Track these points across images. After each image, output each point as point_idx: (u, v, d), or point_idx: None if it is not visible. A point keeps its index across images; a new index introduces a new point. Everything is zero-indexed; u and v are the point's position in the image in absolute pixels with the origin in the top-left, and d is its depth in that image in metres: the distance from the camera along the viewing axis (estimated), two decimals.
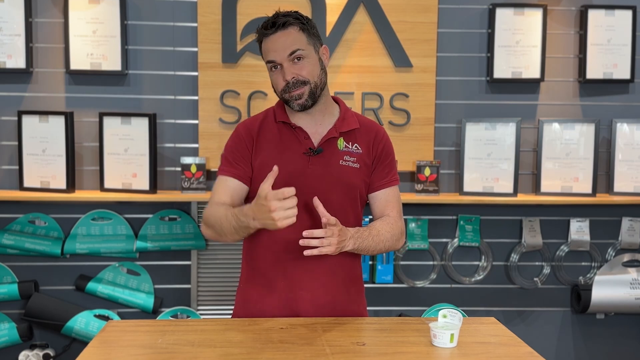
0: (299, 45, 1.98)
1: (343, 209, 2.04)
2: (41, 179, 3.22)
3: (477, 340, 1.85)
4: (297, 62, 1.98)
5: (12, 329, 3.23)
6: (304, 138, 2.04)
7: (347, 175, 2.05)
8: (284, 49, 1.97)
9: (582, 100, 3.42)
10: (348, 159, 2.06)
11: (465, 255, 3.47)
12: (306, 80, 1.99)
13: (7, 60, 3.20)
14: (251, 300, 2.09)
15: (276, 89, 2.03)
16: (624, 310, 3.43)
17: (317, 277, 2.04)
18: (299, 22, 2.00)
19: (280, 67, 1.98)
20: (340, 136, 2.06)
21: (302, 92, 1.98)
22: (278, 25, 1.97)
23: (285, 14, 2.01)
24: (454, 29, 3.34)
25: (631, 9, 3.33)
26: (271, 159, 2.02)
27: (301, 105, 2.00)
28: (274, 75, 2.01)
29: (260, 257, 2.07)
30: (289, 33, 1.98)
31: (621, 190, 3.37)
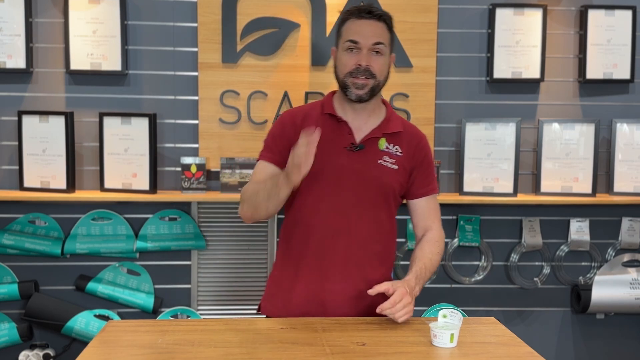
0: (384, 39, 2.04)
1: (377, 209, 2.09)
2: (41, 179, 3.22)
3: (477, 340, 1.85)
4: (375, 54, 2.03)
5: (12, 329, 3.23)
6: (347, 133, 2.08)
7: (384, 175, 2.08)
8: (373, 36, 2.02)
9: (582, 100, 3.42)
10: (387, 159, 2.09)
11: (465, 255, 3.47)
12: (375, 74, 2.03)
13: (7, 60, 3.20)
14: (282, 288, 2.12)
15: (341, 70, 2.05)
16: (624, 310, 3.43)
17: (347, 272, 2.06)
18: (390, 22, 2.08)
19: (357, 51, 2.02)
20: (383, 136, 2.09)
21: (366, 84, 2.03)
22: (376, 15, 2.03)
23: (379, 8, 2.08)
24: (454, 29, 3.34)
25: (631, 9, 3.33)
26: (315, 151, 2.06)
27: (359, 96, 2.04)
28: (346, 56, 2.04)
29: (295, 245, 2.11)
30: (380, 26, 2.04)
31: (621, 190, 3.37)
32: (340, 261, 2.06)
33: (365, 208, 2.06)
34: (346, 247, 2.06)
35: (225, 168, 3.21)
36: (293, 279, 2.10)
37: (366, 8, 2.05)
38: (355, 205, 2.06)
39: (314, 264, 2.07)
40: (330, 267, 2.06)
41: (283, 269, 2.15)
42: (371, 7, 2.06)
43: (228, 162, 3.22)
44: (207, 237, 3.34)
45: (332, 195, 2.05)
